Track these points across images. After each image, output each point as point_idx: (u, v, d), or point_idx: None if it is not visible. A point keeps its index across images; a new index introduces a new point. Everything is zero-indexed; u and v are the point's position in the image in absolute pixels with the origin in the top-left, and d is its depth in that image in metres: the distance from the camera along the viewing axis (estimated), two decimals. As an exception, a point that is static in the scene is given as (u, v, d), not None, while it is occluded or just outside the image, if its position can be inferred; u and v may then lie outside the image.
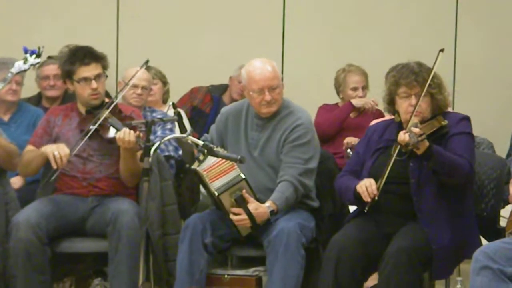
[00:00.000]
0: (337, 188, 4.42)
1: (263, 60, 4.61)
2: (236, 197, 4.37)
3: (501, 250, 3.74)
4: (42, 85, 6.13)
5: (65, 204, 4.66)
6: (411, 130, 3.98)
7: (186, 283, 4.41)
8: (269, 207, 4.41)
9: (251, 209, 4.36)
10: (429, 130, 4.12)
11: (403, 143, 4.01)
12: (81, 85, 4.68)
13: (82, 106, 4.77)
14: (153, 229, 4.62)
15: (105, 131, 4.59)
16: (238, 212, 4.38)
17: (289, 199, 4.46)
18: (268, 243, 4.38)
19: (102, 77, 4.71)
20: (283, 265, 4.32)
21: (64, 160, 4.50)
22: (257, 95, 4.55)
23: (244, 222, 4.38)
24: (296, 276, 4.35)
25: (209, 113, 6.54)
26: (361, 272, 4.18)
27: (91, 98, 4.70)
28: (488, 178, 4.56)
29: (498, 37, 6.80)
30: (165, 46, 6.98)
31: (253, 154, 4.60)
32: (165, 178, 4.81)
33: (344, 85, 6.03)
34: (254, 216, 4.36)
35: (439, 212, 4.17)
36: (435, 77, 4.23)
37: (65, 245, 4.62)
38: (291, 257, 4.33)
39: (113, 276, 4.51)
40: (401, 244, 4.09)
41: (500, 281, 3.70)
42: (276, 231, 4.37)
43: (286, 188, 4.46)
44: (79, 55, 4.68)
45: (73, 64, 4.67)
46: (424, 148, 4.01)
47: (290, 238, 4.34)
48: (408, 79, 4.22)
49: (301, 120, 4.59)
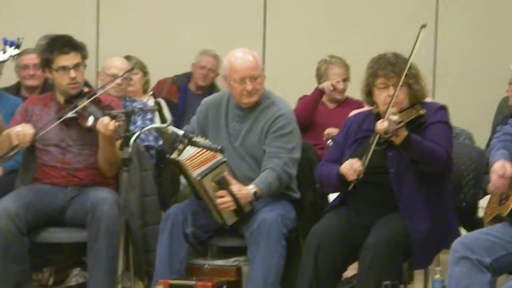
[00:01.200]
0: (318, 176, 4.42)
1: (244, 50, 4.61)
2: (218, 178, 4.36)
3: (479, 240, 3.75)
4: (21, 75, 6.10)
5: (44, 194, 4.64)
6: (390, 118, 4.00)
7: (166, 273, 4.41)
8: (252, 189, 4.41)
9: (234, 190, 4.36)
10: (407, 118, 4.13)
11: (382, 131, 4.03)
12: (59, 74, 4.66)
13: (60, 95, 4.75)
14: (133, 219, 4.61)
15: (84, 120, 4.57)
16: (222, 195, 4.37)
17: (272, 185, 4.45)
18: (250, 234, 4.39)
19: (81, 66, 4.68)
20: (265, 255, 4.33)
21: (26, 138, 4.49)
22: (238, 85, 4.55)
23: (228, 204, 4.37)
24: (277, 266, 4.36)
25: (178, 103, 6.56)
26: (340, 262, 4.19)
27: (69, 87, 4.67)
28: (467, 169, 4.58)
29: (479, 28, 6.82)
30: (145, 36, 6.96)
31: (234, 144, 4.60)
32: (145, 168, 4.79)
33: (326, 77, 6.04)
34: (238, 198, 4.36)
35: (419, 202, 4.18)
36: (412, 68, 4.25)
37: (44, 235, 4.61)
38: (272, 248, 4.34)
39: (92, 266, 4.50)
40: (380, 234, 4.10)
41: (478, 271, 3.71)
42: (258, 222, 4.37)
43: (270, 174, 4.46)
44: (58, 44, 4.66)
45: (52, 52, 4.65)
46: (402, 137, 4.03)
47: (271, 229, 4.35)
48: (386, 70, 4.23)
49: (282, 110, 4.60)
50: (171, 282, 4.33)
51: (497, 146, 3.94)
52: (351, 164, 4.17)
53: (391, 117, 4.01)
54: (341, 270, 4.25)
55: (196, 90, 6.71)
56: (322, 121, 5.94)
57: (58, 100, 4.76)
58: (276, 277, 4.37)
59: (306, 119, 5.86)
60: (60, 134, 4.68)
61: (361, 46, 6.55)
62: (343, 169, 4.20)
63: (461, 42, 6.68)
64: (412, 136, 4.05)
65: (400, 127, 3.97)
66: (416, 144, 4.06)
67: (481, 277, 3.70)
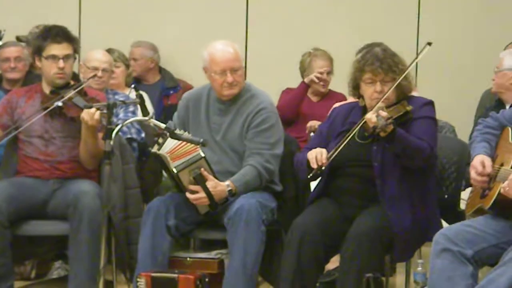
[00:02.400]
0: (295, 161, 4.41)
1: (224, 42, 4.61)
2: (194, 175, 4.37)
3: (461, 232, 3.76)
4: (2, 67, 6.08)
5: (26, 186, 4.63)
6: (379, 113, 3.99)
7: (148, 266, 4.40)
8: (228, 186, 4.41)
9: (209, 187, 4.36)
10: (395, 114, 4.13)
11: (371, 123, 4.03)
12: (48, 62, 4.65)
13: (46, 86, 4.74)
14: (115, 212, 4.60)
15: (68, 110, 4.56)
16: (196, 190, 4.37)
17: (250, 183, 4.45)
18: (228, 220, 4.38)
19: (70, 58, 4.69)
20: (243, 240, 4.32)
21: None
22: (219, 77, 4.54)
23: (202, 200, 4.38)
24: (256, 251, 4.35)
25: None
26: (323, 254, 4.19)
27: (56, 77, 4.67)
28: (449, 161, 4.60)
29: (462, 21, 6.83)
30: (127, 28, 6.94)
31: (216, 138, 4.59)
32: (127, 161, 4.79)
33: (310, 69, 6.03)
34: (212, 195, 4.36)
35: (402, 195, 4.19)
36: (400, 63, 4.25)
37: (26, 228, 4.59)
38: (251, 233, 4.33)
39: (74, 259, 4.49)
40: (362, 226, 4.10)
41: (460, 263, 3.72)
42: (236, 208, 4.37)
43: (249, 172, 4.46)
44: (52, 33, 4.67)
45: (45, 40, 4.66)
46: (389, 131, 4.03)
47: (250, 214, 4.34)
48: (373, 66, 4.23)
49: (264, 104, 4.59)
50: (153, 275, 4.32)
51: (478, 139, 3.96)
52: (318, 152, 4.17)
53: (380, 112, 4.00)
54: (323, 262, 4.24)
55: (144, 81, 6.70)
56: (305, 114, 5.94)
57: (44, 91, 4.74)
58: (255, 263, 4.35)
59: (291, 113, 5.86)
60: (44, 125, 4.66)
61: (343, 40, 6.56)
62: (309, 155, 4.20)
63: (444, 35, 6.68)
64: (398, 130, 4.06)
65: (389, 123, 3.97)
66: (401, 138, 4.06)
67: (463, 269, 3.71)
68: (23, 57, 6.07)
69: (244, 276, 4.32)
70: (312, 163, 4.16)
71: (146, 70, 6.70)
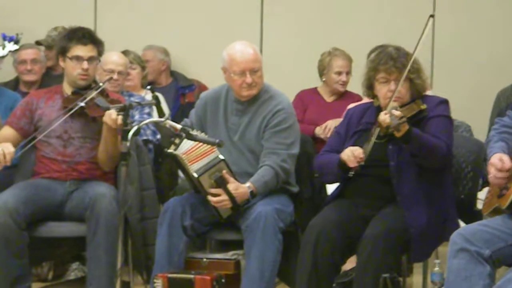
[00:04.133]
0: (317, 165, 4.42)
1: (243, 43, 4.62)
2: (215, 178, 4.37)
3: (478, 232, 3.75)
4: (19, 70, 6.11)
5: (43, 188, 4.64)
6: (392, 113, 3.99)
7: (165, 266, 4.41)
8: (249, 187, 4.42)
9: (231, 189, 4.36)
10: (409, 113, 4.13)
11: (384, 124, 4.02)
12: (72, 63, 4.68)
13: (68, 87, 4.76)
14: (131, 213, 4.61)
15: (91, 110, 4.58)
16: (218, 193, 4.37)
17: (268, 183, 4.46)
18: (246, 227, 4.39)
19: (94, 61, 4.71)
20: (261, 249, 4.33)
21: (7, 157, 4.46)
22: (238, 77, 4.54)
23: (224, 203, 4.38)
24: (273, 260, 4.36)
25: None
26: (339, 255, 4.18)
27: (79, 78, 4.69)
28: (466, 161, 4.58)
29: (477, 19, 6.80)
30: (143, 30, 6.95)
31: (233, 139, 4.60)
32: (143, 162, 4.80)
33: (329, 68, 6.02)
34: (235, 196, 4.36)
35: (418, 195, 4.18)
36: (414, 62, 4.24)
37: (43, 229, 4.61)
38: (268, 241, 4.34)
39: (91, 260, 4.50)
40: (379, 227, 4.10)
41: (478, 263, 3.70)
42: (254, 215, 4.37)
43: (267, 172, 4.46)
44: (78, 33, 4.70)
45: (71, 40, 4.68)
46: (404, 131, 4.02)
47: (268, 222, 4.34)
48: (387, 65, 4.23)
49: (281, 105, 4.59)
50: (169, 276, 4.33)
51: (495, 138, 3.94)
52: (352, 150, 4.17)
53: (393, 111, 4.00)
54: (339, 263, 4.24)
55: (156, 84, 6.72)
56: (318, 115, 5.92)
57: (65, 91, 4.76)
58: (272, 271, 4.36)
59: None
60: (64, 125, 4.68)
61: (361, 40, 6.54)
62: (344, 156, 4.20)
63: (459, 33, 6.66)
64: (413, 130, 4.05)
65: (402, 122, 3.97)
66: (417, 137, 4.05)
67: (480, 269, 3.69)
68: (40, 60, 6.10)
69: (262, 283, 4.34)
70: (350, 162, 4.16)
71: (158, 73, 6.71)
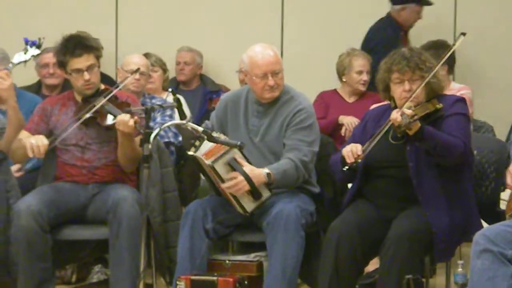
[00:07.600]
0: (330, 163, 4.41)
1: (263, 45, 4.62)
2: (229, 160, 4.34)
3: (501, 233, 3.73)
4: (41, 73, 6.14)
5: (66, 191, 4.66)
6: (404, 111, 3.99)
7: (187, 269, 4.41)
8: (265, 170, 4.40)
9: (246, 171, 4.35)
10: (422, 112, 4.12)
11: (396, 122, 4.01)
12: (74, 76, 4.67)
13: (78, 95, 4.77)
14: (153, 216, 4.62)
15: (102, 118, 4.59)
16: (235, 176, 4.36)
17: (287, 174, 4.43)
18: (267, 224, 4.38)
19: (94, 68, 4.68)
20: (283, 245, 4.32)
21: (41, 149, 4.45)
22: (260, 80, 4.55)
23: (241, 184, 4.35)
24: (296, 256, 4.35)
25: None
26: (361, 256, 4.18)
27: (84, 89, 4.69)
28: (488, 161, 4.57)
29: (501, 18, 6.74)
30: (164, 33, 6.98)
31: (254, 140, 4.60)
32: (165, 164, 4.81)
33: (350, 68, 6.01)
34: (251, 177, 4.35)
35: (439, 194, 4.16)
36: (427, 61, 4.24)
37: (66, 232, 4.63)
38: (290, 238, 4.33)
39: (114, 263, 4.51)
40: (401, 228, 4.09)
41: (501, 264, 3.69)
42: (275, 212, 4.37)
43: (287, 163, 4.45)
44: (70, 46, 4.65)
45: (65, 55, 4.66)
46: (415, 129, 4.01)
47: (289, 219, 4.34)
48: (400, 65, 4.23)
49: (302, 105, 4.60)
50: (192, 278, 4.34)
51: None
52: (352, 146, 4.16)
53: (405, 110, 4.00)
54: (361, 265, 4.24)
55: (184, 87, 6.74)
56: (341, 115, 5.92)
57: (77, 99, 4.78)
58: (294, 268, 4.35)
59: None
60: (79, 134, 4.69)
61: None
62: (344, 151, 4.20)
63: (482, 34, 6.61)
64: (425, 128, 4.04)
65: (413, 121, 3.96)
66: (430, 135, 4.04)
67: (503, 269, 3.68)
68: (62, 63, 6.11)
69: (284, 281, 4.32)
70: (347, 157, 4.15)
71: (193, 76, 6.74)
